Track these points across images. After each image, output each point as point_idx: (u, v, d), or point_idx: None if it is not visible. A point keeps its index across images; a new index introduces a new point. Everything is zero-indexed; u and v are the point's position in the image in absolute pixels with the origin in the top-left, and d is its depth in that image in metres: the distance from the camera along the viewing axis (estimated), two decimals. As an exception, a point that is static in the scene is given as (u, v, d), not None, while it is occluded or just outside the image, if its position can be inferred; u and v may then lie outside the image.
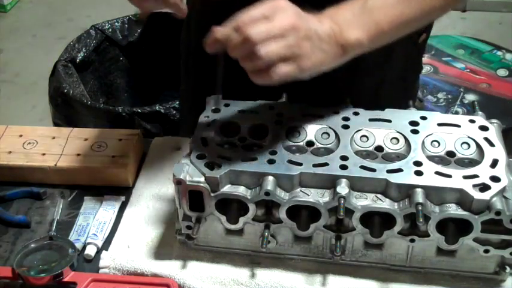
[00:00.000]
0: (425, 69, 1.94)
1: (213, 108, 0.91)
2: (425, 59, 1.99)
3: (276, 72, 0.76)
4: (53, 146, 1.05)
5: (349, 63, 0.89)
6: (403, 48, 1.05)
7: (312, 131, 0.87)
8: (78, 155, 1.03)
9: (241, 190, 0.81)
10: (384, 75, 1.08)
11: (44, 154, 1.03)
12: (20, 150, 1.04)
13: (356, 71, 1.03)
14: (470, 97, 1.83)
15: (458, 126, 0.87)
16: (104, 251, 0.89)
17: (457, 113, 1.77)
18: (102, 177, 1.01)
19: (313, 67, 0.79)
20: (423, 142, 0.84)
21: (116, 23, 2.16)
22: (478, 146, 0.84)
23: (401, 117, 0.88)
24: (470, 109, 1.78)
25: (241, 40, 0.75)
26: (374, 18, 0.83)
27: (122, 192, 1.00)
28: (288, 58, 0.76)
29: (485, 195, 0.76)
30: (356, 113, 0.89)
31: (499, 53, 2.02)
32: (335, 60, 0.81)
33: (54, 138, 1.07)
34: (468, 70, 1.94)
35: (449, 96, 1.84)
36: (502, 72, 1.94)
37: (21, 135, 1.08)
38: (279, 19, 0.76)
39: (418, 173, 0.79)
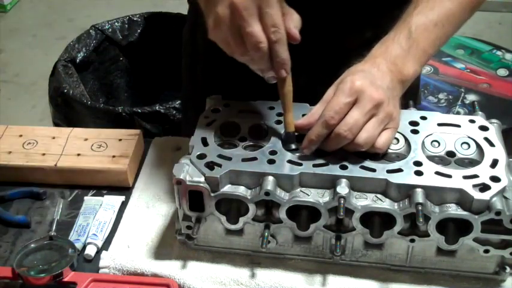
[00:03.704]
0: (426, 69, 1.94)
1: (213, 108, 0.91)
2: (425, 59, 1.99)
3: (381, 145, 0.81)
4: (53, 146, 1.05)
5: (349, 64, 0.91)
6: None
7: (312, 131, 0.87)
8: (78, 155, 1.03)
9: (241, 190, 0.81)
10: None
11: (44, 154, 1.03)
12: (20, 150, 1.04)
13: None
14: (471, 97, 1.83)
15: (458, 126, 0.87)
16: (104, 251, 0.89)
17: (458, 113, 1.77)
18: (102, 177, 1.01)
19: (400, 115, 0.85)
20: (423, 142, 0.84)
21: (116, 23, 2.16)
22: (478, 146, 0.84)
23: (401, 117, 0.88)
24: (471, 109, 1.78)
25: (337, 137, 0.79)
26: (421, 47, 0.86)
27: (122, 192, 1.00)
28: (385, 127, 0.81)
29: (485, 195, 0.76)
30: (356, 113, 0.89)
31: (499, 52, 2.02)
32: (402, 94, 0.86)
33: (54, 138, 1.07)
34: (468, 70, 1.94)
35: (450, 96, 1.84)
36: (502, 72, 1.94)
37: (21, 135, 1.07)
38: (363, 103, 0.79)
39: (418, 173, 0.79)
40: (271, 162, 0.81)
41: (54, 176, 1.02)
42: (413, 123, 0.87)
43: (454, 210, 0.77)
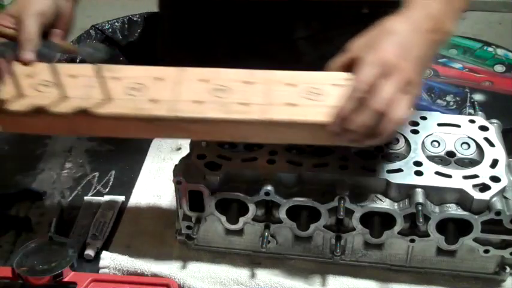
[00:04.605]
0: (426, 73, 1.94)
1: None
2: (423, 62, 1.99)
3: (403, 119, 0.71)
4: (250, 93, 0.78)
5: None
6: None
7: (312, 131, 0.87)
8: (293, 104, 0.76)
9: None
10: None
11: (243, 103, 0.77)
12: (211, 99, 0.77)
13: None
14: (477, 97, 1.83)
15: (458, 126, 0.87)
16: (104, 251, 0.89)
17: (470, 114, 1.77)
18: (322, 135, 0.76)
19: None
20: (423, 142, 0.84)
21: (116, 23, 2.16)
22: (478, 146, 0.84)
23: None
24: (481, 108, 1.78)
25: (372, 113, 0.70)
26: (456, 4, 0.78)
27: (122, 192, 1.00)
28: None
29: (485, 195, 0.76)
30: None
31: (490, 49, 2.02)
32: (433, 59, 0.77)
33: (248, 83, 0.79)
34: (467, 69, 1.94)
35: (457, 98, 1.83)
36: (499, 68, 1.94)
37: (206, 80, 0.80)
38: (396, 78, 0.70)
39: (418, 173, 0.79)
40: (271, 162, 0.81)
41: (261, 131, 0.76)
42: (414, 123, 0.87)
43: (454, 210, 0.77)
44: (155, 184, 1.01)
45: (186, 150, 0.86)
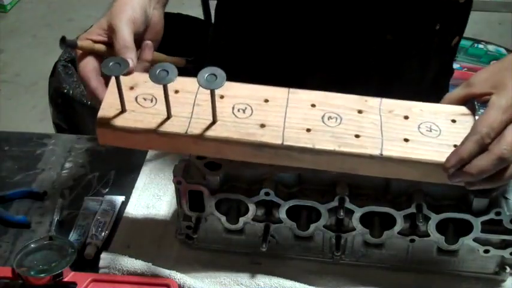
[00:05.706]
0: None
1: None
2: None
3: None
4: (363, 124, 0.77)
5: (384, 69, 0.86)
6: (438, 54, 1.05)
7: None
8: (406, 140, 0.75)
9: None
10: (419, 81, 1.07)
11: (357, 136, 0.75)
12: (321, 127, 0.76)
13: (392, 78, 1.03)
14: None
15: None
16: (104, 251, 0.89)
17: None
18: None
19: None
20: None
21: (116, 23, 2.16)
22: (478, 146, 0.84)
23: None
24: (483, 108, 1.76)
25: (495, 158, 0.68)
26: None
27: (122, 192, 1.00)
28: None
29: (485, 195, 0.76)
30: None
31: (481, 46, 2.01)
32: None
33: (360, 112, 0.78)
34: (465, 69, 1.94)
35: None
36: (496, 64, 1.95)
37: (313, 105, 0.78)
38: None
39: (418, 173, 0.79)
40: (271, 162, 0.81)
41: (372, 165, 0.75)
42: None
43: (454, 210, 0.77)
44: (155, 184, 1.01)
45: (186, 150, 0.86)
